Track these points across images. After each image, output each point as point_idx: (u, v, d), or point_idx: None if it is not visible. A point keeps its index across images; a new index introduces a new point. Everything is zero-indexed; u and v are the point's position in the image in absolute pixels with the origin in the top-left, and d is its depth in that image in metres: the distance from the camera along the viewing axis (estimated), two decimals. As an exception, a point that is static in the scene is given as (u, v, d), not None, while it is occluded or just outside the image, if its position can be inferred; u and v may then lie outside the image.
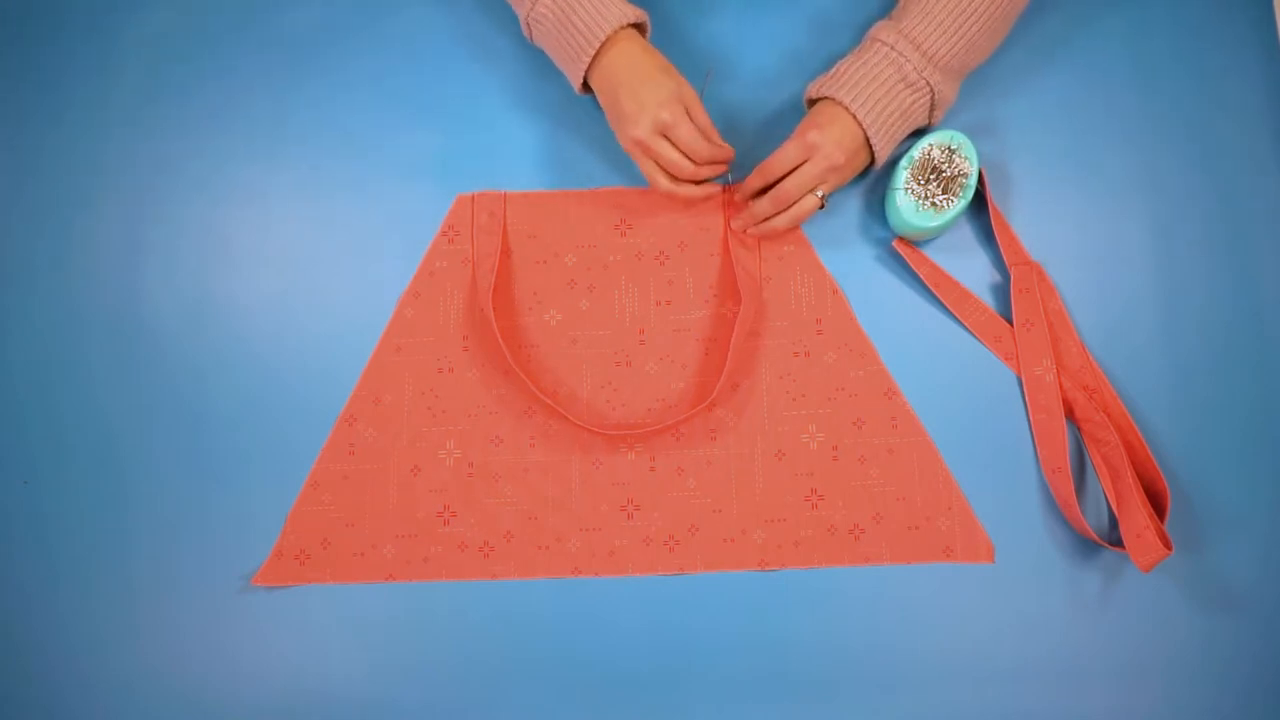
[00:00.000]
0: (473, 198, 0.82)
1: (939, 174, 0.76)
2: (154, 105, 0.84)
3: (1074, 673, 0.75)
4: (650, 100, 0.72)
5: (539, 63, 0.83)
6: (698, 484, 0.78)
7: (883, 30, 0.74)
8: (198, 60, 0.85)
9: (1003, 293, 0.79)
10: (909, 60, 0.72)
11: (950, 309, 0.79)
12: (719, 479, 0.78)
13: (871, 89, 0.72)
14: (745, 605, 0.76)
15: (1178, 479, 0.76)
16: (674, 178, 0.75)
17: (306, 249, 0.82)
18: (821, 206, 0.75)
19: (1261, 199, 0.79)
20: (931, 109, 0.75)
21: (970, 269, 0.80)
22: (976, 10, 0.72)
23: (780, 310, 0.80)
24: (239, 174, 0.83)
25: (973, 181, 0.76)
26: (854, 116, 0.72)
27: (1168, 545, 0.72)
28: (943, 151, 0.76)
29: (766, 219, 0.77)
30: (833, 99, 0.73)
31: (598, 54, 0.74)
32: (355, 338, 0.81)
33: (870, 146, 0.74)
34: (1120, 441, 0.75)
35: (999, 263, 0.80)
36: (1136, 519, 0.73)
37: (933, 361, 0.79)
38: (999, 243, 0.79)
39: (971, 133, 0.78)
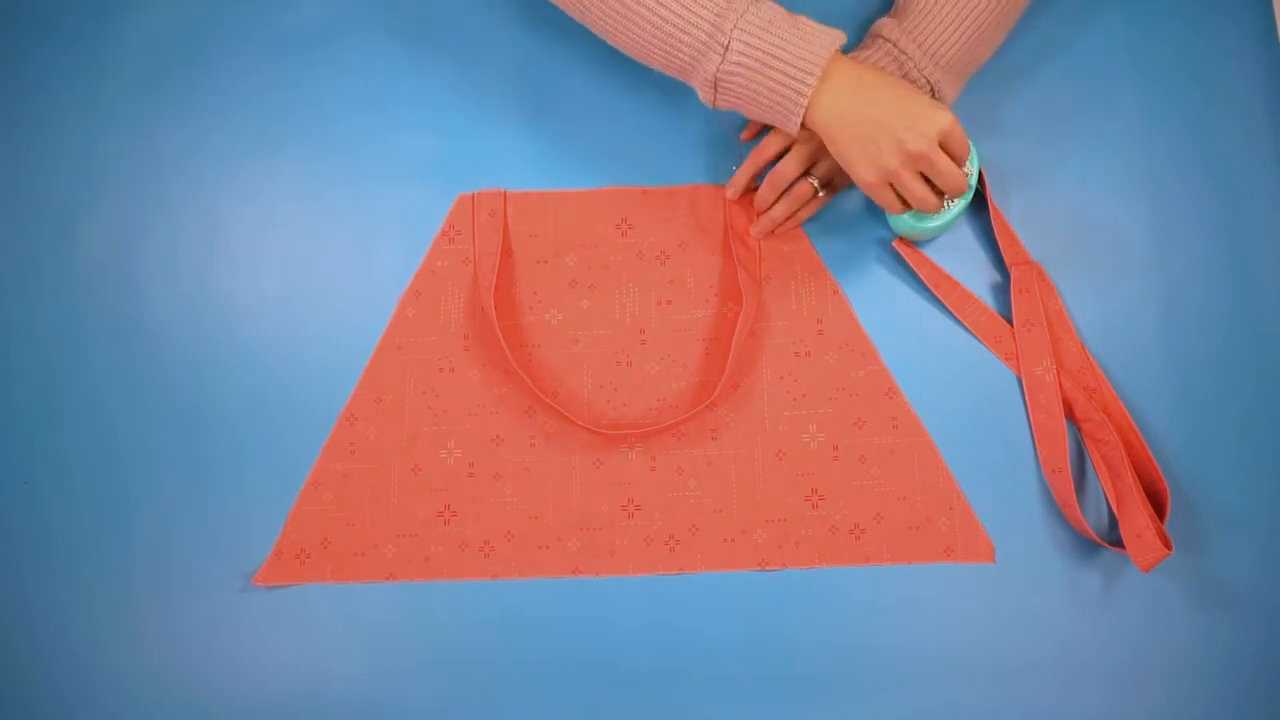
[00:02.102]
0: (474, 197, 0.82)
1: (939, 174, 0.76)
2: (153, 105, 0.84)
3: (1074, 673, 0.75)
4: (924, 114, 0.65)
5: (540, 62, 0.83)
6: (698, 484, 0.78)
7: (885, 26, 0.74)
8: (196, 59, 0.85)
9: (1003, 293, 0.79)
10: (910, 57, 0.72)
11: (950, 309, 0.79)
12: (719, 479, 0.78)
13: (871, 77, 0.72)
14: (745, 605, 0.76)
15: (1178, 479, 0.76)
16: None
17: (306, 249, 0.82)
18: (817, 194, 0.75)
19: (1261, 199, 0.79)
20: None
21: (970, 269, 0.80)
22: (979, 8, 0.72)
23: (781, 310, 0.80)
24: (239, 173, 0.83)
25: (973, 182, 0.76)
26: None
27: (1168, 545, 0.72)
28: (943, 151, 0.76)
29: (769, 207, 0.77)
30: None
31: (820, 81, 0.66)
32: (356, 337, 0.81)
33: None
34: (1120, 441, 0.75)
35: (999, 263, 0.80)
36: (1136, 519, 0.73)
37: (933, 361, 0.79)
38: (999, 243, 0.79)
39: (971, 133, 0.78)
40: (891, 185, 0.69)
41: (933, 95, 0.74)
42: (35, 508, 0.79)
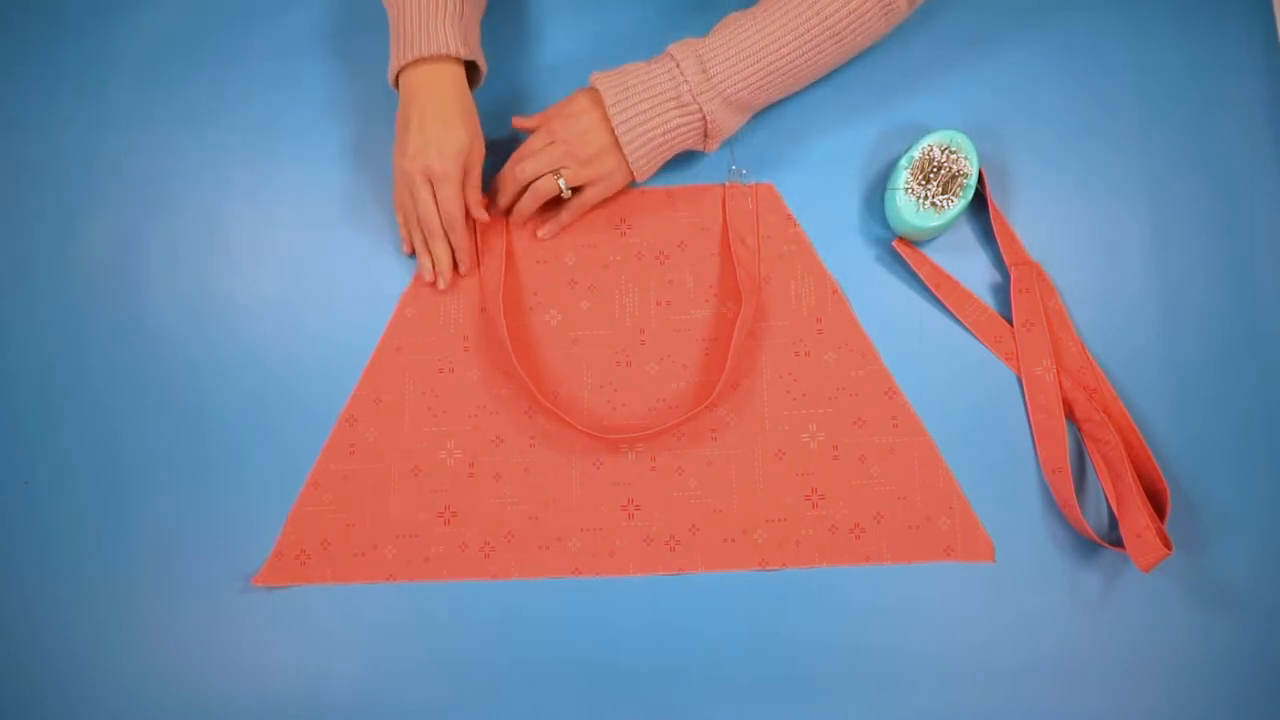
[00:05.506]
0: (473, 197, 0.82)
1: (939, 174, 0.76)
2: (152, 104, 0.84)
3: (1074, 673, 0.75)
4: (435, 142, 0.70)
5: (541, 64, 0.83)
6: (698, 484, 0.78)
7: (678, 45, 0.73)
8: (196, 59, 0.85)
9: (1003, 293, 0.79)
10: (687, 81, 0.71)
11: (950, 309, 0.79)
12: (720, 478, 0.78)
13: (639, 97, 0.72)
14: (745, 605, 0.76)
15: (1178, 479, 0.76)
16: (412, 236, 0.77)
17: (306, 249, 0.82)
18: (563, 194, 0.75)
19: (1261, 199, 0.79)
20: (705, 136, 0.75)
21: (970, 269, 0.80)
22: (782, 52, 0.71)
23: (781, 310, 0.80)
24: (238, 173, 0.83)
25: (973, 181, 0.76)
26: (608, 118, 0.72)
27: (1168, 545, 0.72)
28: (943, 151, 0.76)
29: (514, 201, 0.77)
30: (599, 93, 0.73)
31: (413, 63, 0.71)
32: (356, 337, 0.80)
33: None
34: (1120, 441, 0.75)
35: (999, 263, 0.80)
36: (1136, 519, 0.73)
37: (933, 361, 0.79)
38: (999, 243, 0.79)
39: (971, 133, 0.78)
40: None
41: (705, 125, 0.73)
42: (35, 508, 0.79)
